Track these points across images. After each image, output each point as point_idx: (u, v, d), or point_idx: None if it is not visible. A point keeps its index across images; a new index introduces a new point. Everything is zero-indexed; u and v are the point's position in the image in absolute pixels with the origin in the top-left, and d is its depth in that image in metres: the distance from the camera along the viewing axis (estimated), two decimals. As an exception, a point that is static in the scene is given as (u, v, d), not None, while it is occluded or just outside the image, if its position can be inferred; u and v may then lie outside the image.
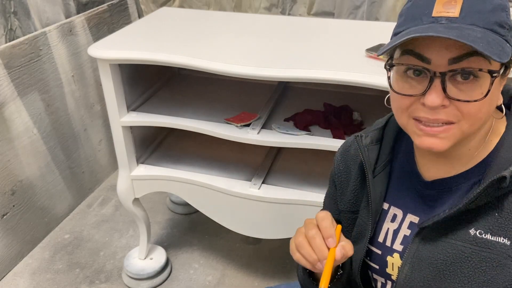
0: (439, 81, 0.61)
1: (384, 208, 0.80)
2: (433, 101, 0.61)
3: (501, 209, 0.66)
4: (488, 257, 0.66)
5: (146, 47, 1.38)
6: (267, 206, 1.44)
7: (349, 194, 0.85)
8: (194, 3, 2.34)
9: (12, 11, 1.82)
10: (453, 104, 0.62)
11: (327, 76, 1.20)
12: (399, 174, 0.80)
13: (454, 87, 0.62)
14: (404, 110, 0.66)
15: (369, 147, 0.80)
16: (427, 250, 0.71)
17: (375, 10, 2.04)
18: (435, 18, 0.61)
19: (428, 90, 0.62)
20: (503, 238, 0.66)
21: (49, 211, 2.04)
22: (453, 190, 0.72)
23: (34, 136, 1.90)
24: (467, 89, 0.61)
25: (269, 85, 1.70)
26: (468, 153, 0.70)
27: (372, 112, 1.49)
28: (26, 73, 1.82)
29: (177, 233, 2.04)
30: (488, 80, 0.61)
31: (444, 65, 0.61)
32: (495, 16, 0.61)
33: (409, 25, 0.64)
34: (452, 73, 0.61)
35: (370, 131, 0.82)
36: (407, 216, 0.77)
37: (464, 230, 0.68)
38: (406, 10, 0.67)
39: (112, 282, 1.80)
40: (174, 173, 1.54)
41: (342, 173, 0.88)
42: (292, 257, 0.73)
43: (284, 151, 1.66)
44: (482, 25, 0.60)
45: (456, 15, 0.60)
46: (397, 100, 0.67)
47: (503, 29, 0.61)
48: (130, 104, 1.51)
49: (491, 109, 0.66)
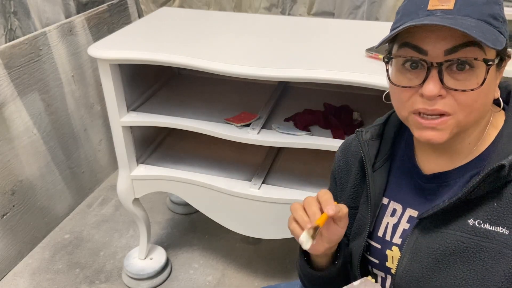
0: (436, 71, 0.63)
1: (383, 203, 0.81)
2: (431, 90, 0.63)
3: (500, 198, 0.67)
4: (487, 246, 0.67)
5: (146, 47, 1.38)
6: (267, 206, 1.44)
7: (349, 190, 0.86)
8: (194, 3, 2.34)
9: (12, 11, 1.82)
10: (450, 94, 0.64)
11: (327, 76, 1.20)
12: (399, 169, 0.81)
13: (451, 77, 0.64)
14: (404, 103, 0.68)
15: (369, 142, 0.81)
16: (426, 241, 0.72)
17: (375, 10, 2.04)
18: (430, 11, 0.64)
19: (425, 80, 0.64)
20: (501, 227, 0.66)
21: (49, 211, 2.04)
22: (452, 184, 0.73)
23: (34, 136, 1.90)
24: (463, 79, 0.63)
25: (269, 85, 1.70)
26: (467, 146, 0.71)
27: (372, 112, 1.49)
28: (26, 73, 1.82)
29: (177, 233, 2.04)
30: (483, 69, 0.63)
31: (441, 56, 0.63)
32: (488, 9, 0.63)
33: (405, 19, 0.66)
34: (449, 63, 0.63)
35: (371, 127, 0.83)
36: (407, 210, 0.78)
37: (463, 220, 0.69)
38: (402, 7, 0.69)
39: (112, 282, 1.80)
40: (174, 173, 1.54)
41: (342, 169, 0.89)
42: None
43: (284, 151, 1.65)
44: (476, 17, 0.63)
45: (450, 8, 0.63)
46: (397, 93, 0.69)
47: (497, 21, 0.64)
48: (130, 104, 1.51)
49: (487, 101, 0.67)
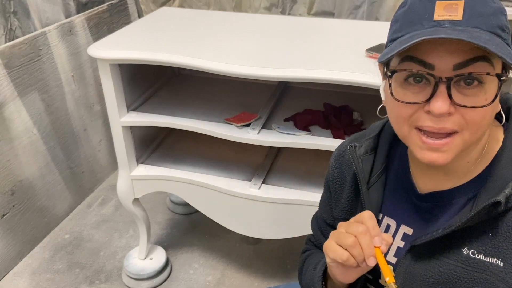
0: (444, 87, 0.58)
1: (378, 218, 0.78)
2: (440, 107, 0.58)
3: (495, 229, 0.64)
4: (480, 277, 0.64)
5: (146, 47, 1.38)
6: (267, 206, 1.44)
7: (343, 202, 0.83)
8: (194, 3, 2.34)
9: (12, 11, 1.82)
10: (458, 111, 0.59)
11: (327, 76, 1.20)
12: (394, 184, 0.78)
13: (459, 93, 0.59)
14: (406, 119, 0.63)
15: (363, 158, 0.77)
16: (419, 267, 0.70)
17: (375, 10, 2.04)
18: (438, 22, 0.58)
19: (433, 96, 0.59)
20: (496, 259, 0.64)
21: (49, 211, 2.04)
22: (447, 205, 0.70)
23: (34, 136, 1.90)
24: (473, 95, 0.59)
25: (269, 85, 1.70)
26: (466, 165, 0.68)
27: (372, 112, 1.47)
28: (26, 73, 1.82)
29: (177, 233, 2.04)
30: (494, 84, 0.59)
31: (449, 70, 0.58)
32: (496, 20, 0.59)
33: (408, 30, 0.61)
34: (458, 77, 0.58)
35: (365, 140, 0.79)
36: (401, 227, 0.75)
37: (457, 249, 0.67)
38: (401, 15, 0.63)
39: (112, 282, 1.80)
40: (174, 173, 1.54)
41: (336, 179, 0.85)
42: (327, 258, 0.70)
43: (284, 151, 1.65)
44: (486, 28, 0.58)
45: (459, 18, 0.58)
46: (398, 109, 0.64)
47: (504, 33, 0.59)
48: (130, 104, 1.51)
49: (493, 116, 0.63)
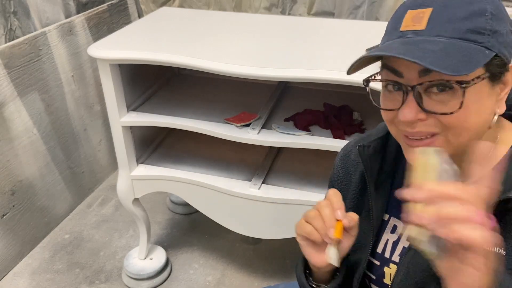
0: (412, 94, 0.60)
1: (384, 219, 0.78)
2: (405, 116, 0.60)
3: (504, 225, 0.62)
4: None
5: (146, 47, 1.38)
6: (267, 206, 1.44)
7: (349, 202, 0.83)
8: (194, 3, 2.34)
9: (12, 11, 1.82)
10: (432, 116, 0.60)
11: (327, 76, 1.20)
12: (401, 185, 0.76)
13: (430, 99, 0.60)
14: (391, 122, 0.66)
15: (371, 158, 0.77)
16: (422, 260, 0.69)
17: (375, 10, 2.04)
18: (402, 33, 0.61)
19: (403, 104, 0.61)
20: (499, 247, 0.63)
21: (49, 211, 2.04)
22: None
23: (34, 136, 1.90)
24: (444, 100, 0.59)
25: (269, 85, 1.70)
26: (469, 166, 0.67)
27: (372, 112, 1.48)
28: (26, 73, 1.82)
29: (177, 233, 2.04)
30: (461, 91, 0.58)
31: (415, 78, 0.60)
32: (468, 23, 0.58)
33: (384, 39, 0.64)
34: (424, 85, 0.59)
35: (372, 140, 0.78)
36: None
37: None
38: (389, 22, 0.66)
39: (112, 282, 1.80)
40: (174, 173, 1.54)
41: (342, 179, 0.85)
42: (297, 238, 0.72)
43: (284, 151, 1.65)
44: (449, 35, 0.58)
45: (422, 28, 0.59)
46: (383, 113, 0.67)
47: (481, 35, 0.58)
48: (130, 104, 1.51)
49: (481, 119, 0.62)
